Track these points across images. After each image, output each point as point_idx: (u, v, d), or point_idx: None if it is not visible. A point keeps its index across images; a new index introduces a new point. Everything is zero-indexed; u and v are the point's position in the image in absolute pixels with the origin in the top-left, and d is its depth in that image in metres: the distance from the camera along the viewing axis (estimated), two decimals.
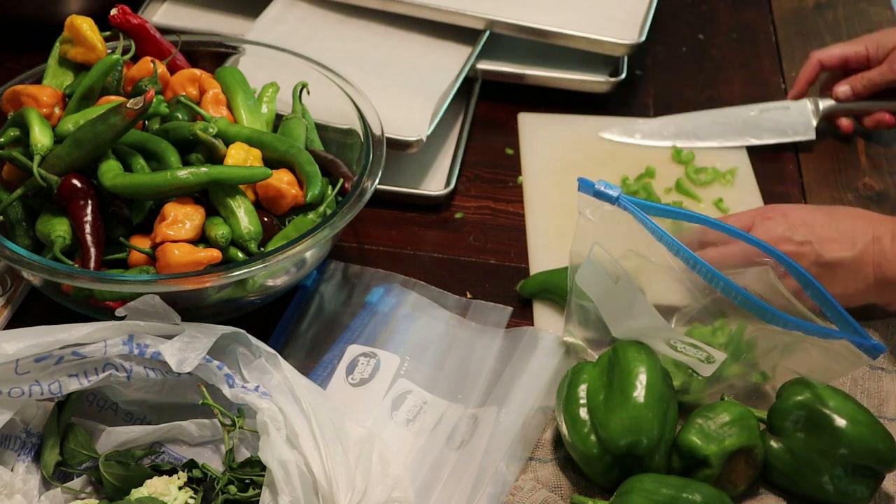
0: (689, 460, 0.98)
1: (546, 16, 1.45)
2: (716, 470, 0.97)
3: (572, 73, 1.47)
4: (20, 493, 0.95)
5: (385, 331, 1.14)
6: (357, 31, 1.46)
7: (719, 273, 0.96)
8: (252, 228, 1.07)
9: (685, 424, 1.00)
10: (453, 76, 1.39)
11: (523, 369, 1.09)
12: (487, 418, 1.04)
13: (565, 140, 1.43)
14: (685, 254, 0.97)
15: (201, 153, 1.12)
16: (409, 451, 1.02)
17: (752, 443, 0.99)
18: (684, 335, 1.01)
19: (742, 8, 1.72)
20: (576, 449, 1.00)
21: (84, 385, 0.96)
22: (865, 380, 1.12)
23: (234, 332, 0.99)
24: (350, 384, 1.08)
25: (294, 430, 0.91)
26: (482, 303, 1.19)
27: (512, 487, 1.00)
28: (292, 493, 0.88)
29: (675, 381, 1.04)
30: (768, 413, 1.02)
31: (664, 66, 1.59)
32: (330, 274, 1.21)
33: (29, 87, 1.15)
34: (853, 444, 0.97)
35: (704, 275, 0.97)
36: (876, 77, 1.38)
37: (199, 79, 1.20)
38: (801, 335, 0.97)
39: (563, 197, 1.34)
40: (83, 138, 1.07)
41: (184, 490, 0.95)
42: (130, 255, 1.06)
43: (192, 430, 1.00)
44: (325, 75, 1.24)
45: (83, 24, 1.18)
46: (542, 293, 1.19)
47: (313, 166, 1.12)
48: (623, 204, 0.99)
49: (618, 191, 1.00)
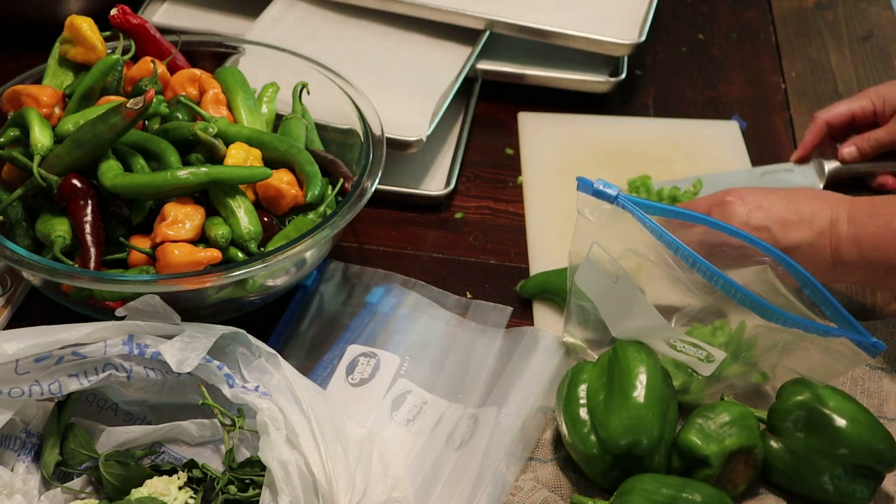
0: (689, 460, 0.98)
1: (546, 16, 1.45)
2: (716, 470, 0.97)
3: (572, 73, 1.47)
4: (20, 492, 0.95)
5: (385, 331, 1.13)
6: (357, 31, 1.46)
7: (719, 271, 0.96)
8: (252, 228, 1.07)
9: (685, 424, 1.00)
10: (453, 76, 1.39)
11: (523, 369, 1.09)
12: (487, 418, 1.04)
13: (565, 140, 1.43)
14: (684, 252, 0.97)
15: (201, 153, 1.12)
16: (408, 451, 1.02)
17: (752, 443, 0.99)
18: (684, 334, 1.01)
19: (742, 8, 1.72)
20: (576, 449, 1.00)
21: (84, 385, 0.96)
22: (866, 380, 1.12)
23: (234, 332, 1.00)
24: (350, 384, 1.08)
25: (294, 430, 0.91)
26: (482, 303, 1.19)
27: (512, 487, 1.00)
28: (292, 493, 0.88)
29: (675, 381, 1.04)
30: (768, 413, 1.02)
31: (664, 66, 1.59)
32: (330, 274, 1.21)
33: (29, 87, 1.16)
34: (853, 445, 0.97)
35: (704, 273, 0.97)
36: (884, 136, 1.32)
37: (199, 79, 1.20)
38: (801, 333, 0.97)
39: (563, 197, 1.34)
40: (83, 138, 1.07)
41: (184, 490, 0.95)
42: (130, 255, 1.06)
43: (192, 430, 1.00)
44: (325, 75, 1.24)
45: (83, 24, 1.18)
46: (543, 294, 1.19)
47: (313, 166, 1.12)
48: (622, 203, 0.99)
49: (616, 189, 1.00)
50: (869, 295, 1.23)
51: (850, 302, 1.22)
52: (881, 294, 1.23)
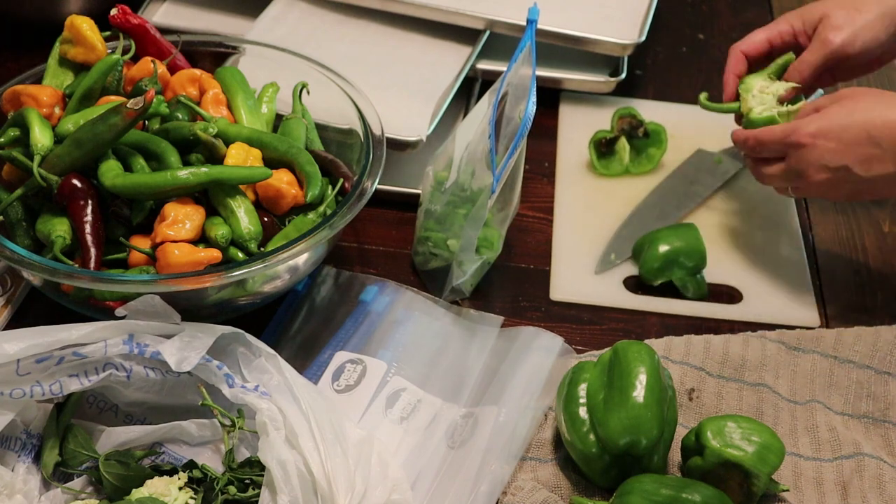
0: (692, 451, 0.99)
1: (546, 16, 1.44)
2: (706, 465, 0.97)
3: (572, 73, 1.48)
4: (21, 493, 0.95)
5: (380, 329, 1.13)
6: (357, 31, 1.46)
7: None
8: (252, 228, 1.07)
9: (716, 416, 1.00)
10: (453, 76, 1.39)
11: (520, 368, 1.09)
12: (486, 417, 1.04)
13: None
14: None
15: (201, 153, 1.12)
16: (399, 447, 1.02)
17: (756, 469, 0.97)
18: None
19: (742, 8, 1.72)
20: (575, 448, 1.00)
21: (85, 385, 0.96)
22: (872, 383, 1.11)
23: (233, 332, 1.00)
24: (335, 391, 1.07)
25: (293, 430, 0.91)
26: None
27: (513, 487, 1.00)
28: (291, 494, 0.88)
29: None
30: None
31: (664, 66, 1.59)
32: (322, 278, 1.20)
33: (29, 87, 1.16)
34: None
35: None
36: (812, 58, 1.21)
37: (199, 79, 1.20)
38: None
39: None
40: (83, 138, 1.07)
41: (184, 490, 0.95)
42: (130, 255, 1.06)
43: (192, 430, 1.00)
44: (325, 75, 1.24)
45: (83, 24, 1.18)
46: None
47: (313, 166, 1.12)
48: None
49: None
50: (869, 294, 1.23)
51: (851, 301, 1.22)
52: (881, 294, 1.23)
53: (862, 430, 1.08)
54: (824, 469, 1.04)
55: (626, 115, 1.36)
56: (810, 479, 1.04)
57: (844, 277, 1.26)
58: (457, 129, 1.21)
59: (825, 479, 1.04)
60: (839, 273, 1.26)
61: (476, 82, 1.47)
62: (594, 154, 1.36)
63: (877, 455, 1.05)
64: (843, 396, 1.11)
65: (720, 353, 1.12)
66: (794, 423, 1.08)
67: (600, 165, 1.36)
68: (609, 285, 1.23)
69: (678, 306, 1.21)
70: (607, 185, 1.36)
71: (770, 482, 0.98)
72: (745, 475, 0.97)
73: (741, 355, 1.12)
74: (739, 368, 1.11)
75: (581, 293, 1.22)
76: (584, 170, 1.38)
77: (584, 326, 1.18)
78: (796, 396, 1.11)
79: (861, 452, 1.05)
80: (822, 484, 1.03)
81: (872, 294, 1.24)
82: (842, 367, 1.12)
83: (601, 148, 1.36)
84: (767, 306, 1.21)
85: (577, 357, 1.12)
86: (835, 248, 1.30)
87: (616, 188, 1.35)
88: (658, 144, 1.36)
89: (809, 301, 1.22)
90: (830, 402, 1.10)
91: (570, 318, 1.19)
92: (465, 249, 1.14)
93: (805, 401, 1.10)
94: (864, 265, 1.28)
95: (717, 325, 1.19)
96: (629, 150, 1.36)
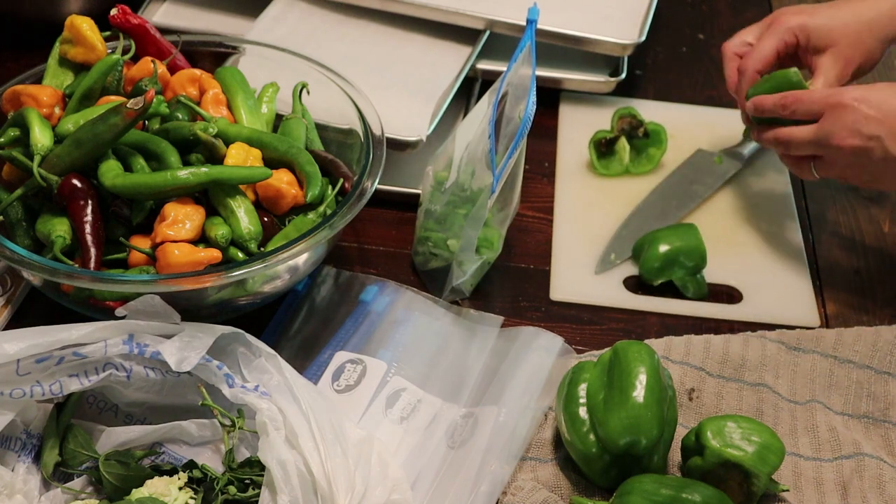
0: (692, 451, 0.99)
1: (546, 16, 1.44)
2: (706, 465, 0.97)
3: (572, 73, 1.48)
4: (21, 493, 0.95)
5: (380, 329, 1.13)
6: (357, 31, 1.46)
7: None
8: (252, 228, 1.07)
9: (716, 416, 1.00)
10: (453, 76, 1.39)
11: (519, 368, 1.09)
12: (486, 417, 1.04)
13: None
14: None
15: (201, 153, 1.13)
16: (399, 447, 1.02)
17: (756, 469, 0.97)
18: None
19: (742, 8, 1.72)
20: (574, 447, 1.00)
21: (85, 385, 0.96)
22: (872, 383, 1.11)
23: (233, 332, 1.00)
24: (335, 391, 1.07)
25: (293, 430, 0.91)
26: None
27: (513, 487, 1.00)
28: (291, 494, 0.88)
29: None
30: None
31: (664, 66, 1.59)
32: (322, 278, 1.20)
33: (29, 87, 1.16)
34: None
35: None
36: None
37: (199, 79, 1.20)
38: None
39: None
40: (83, 138, 1.07)
41: (184, 490, 0.95)
42: (130, 255, 1.06)
43: (192, 430, 1.00)
44: (325, 75, 1.24)
45: (83, 24, 1.18)
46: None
47: (313, 166, 1.12)
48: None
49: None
50: (869, 294, 1.23)
51: (851, 301, 1.22)
52: (881, 294, 1.23)
53: (862, 430, 1.08)
54: (824, 469, 1.04)
55: (626, 115, 1.36)
56: (810, 479, 1.04)
57: (844, 277, 1.26)
58: (457, 129, 1.21)
59: (825, 479, 1.04)
60: (839, 273, 1.27)
61: (476, 82, 1.47)
62: (594, 154, 1.36)
63: (877, 455, 1.05)
64: (843, 396, 1.11)
65: (720, 353, 1.12)
66: (794, 423, 1.08)
67: (600, 165, 1.36)
68: (609, 285, 1.23)
69: (678, 306, 1.21)
70: (607, 185, 1.36)
71: (770, 482, 0.98)
72: (745, 475, 0.97)
73: (741, 355, 1.12)
74: (739, 368, 1.11)
75: (581, 293, 1.22)
76: (584, 170, 1.38)
77: (584, 326, 1.18)
78: (796, 396, 1.11)
79: (861, 452, 1.05)
80: (822, 484, 1.03)
81: (872, 294, 1.24)
82: (842, 367, 1.12)
83: (601, 148, 1.36)
84: (767, 306, 1.21)
85: (577, 357, 1.12)
86: (835, 249, 1.30)
87: (616, 188, 1.35)
88: (658, 144, 1.36)
89: (809, 301, 1.22)
90: (830, 402, 1.10)
91: (570, 318, 1.19)
92: (465, 249, 1.14)
93: (805, 401, 1.10)
94: (864, 265, 1.28)
95: (717, 325, 1.19)
96: (629, 150, 1.36)
